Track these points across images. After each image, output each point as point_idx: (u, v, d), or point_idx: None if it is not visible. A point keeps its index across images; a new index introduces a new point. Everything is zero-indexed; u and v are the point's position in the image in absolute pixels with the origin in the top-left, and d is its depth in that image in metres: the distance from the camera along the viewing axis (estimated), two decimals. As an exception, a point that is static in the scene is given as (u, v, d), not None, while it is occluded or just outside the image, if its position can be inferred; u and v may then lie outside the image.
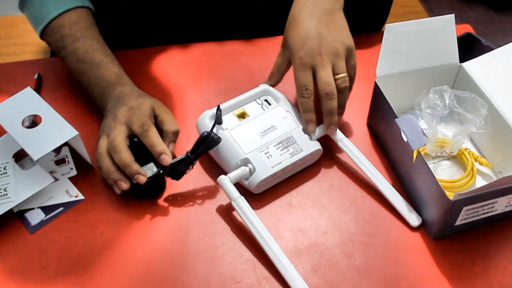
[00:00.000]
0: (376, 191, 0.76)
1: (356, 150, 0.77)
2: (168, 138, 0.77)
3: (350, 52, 0.78)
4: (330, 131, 0.78)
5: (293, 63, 0.77)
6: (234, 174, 0.73)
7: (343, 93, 0.77)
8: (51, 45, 0.85)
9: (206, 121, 0.77)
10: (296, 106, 0.80)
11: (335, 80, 0.76)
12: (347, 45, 0.77)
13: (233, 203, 0.71)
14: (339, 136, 0.79)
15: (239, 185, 0.74)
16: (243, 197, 0.71)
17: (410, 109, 0.83)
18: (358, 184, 0.78)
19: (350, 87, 0.79)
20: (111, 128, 0.74)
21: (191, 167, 0.74)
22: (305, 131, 0.78)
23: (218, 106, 0.76)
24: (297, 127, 0.78)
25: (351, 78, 0.79)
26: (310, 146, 0.76)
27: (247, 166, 0.74)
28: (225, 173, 0.73)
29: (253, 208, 0.71)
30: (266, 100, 0.81)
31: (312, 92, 0.76)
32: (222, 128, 0.76)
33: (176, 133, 0.77)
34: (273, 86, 0.82)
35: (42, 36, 0.84)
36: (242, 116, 0.79)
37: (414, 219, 0.73)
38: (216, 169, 0.77)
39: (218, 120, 0.75)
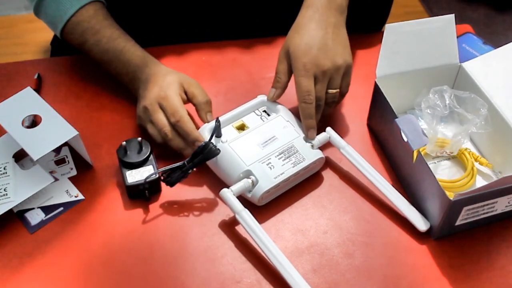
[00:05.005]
0: (378, 192, 0.76)
1: (359, 157, 0.76)
2: (202, 109, 0.79)
3: (348, 69, 0.79)
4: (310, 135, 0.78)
5: (295, 69, 0.77)
6: (237, 187, 0.71)
7: (329, 106, 0.80)
8: (73, 42, 0.86)
9: (205, 134, 0.76)
10: (295, 115, 0.80)
11: (327, 93, 0.78)
12: (347, 62, 0.78)
13: (237, 216, 0.69)
14: (341, 144, 0.78)
15: (241, 198, 0.73)
16: (247, 210, 0.70)
17: (410, 109, 0.83)
18: (358, 184, 0.78)
19: (338, 101, 0.82)
20: (154, 111, 0.77)
21: (186, 175, 0.73)
22: (305, 138, 0.77)
23: (217, 119, 0.75)
24: (298, 136, 0.77)
25: (342, 94, 0.81)
26: (312, 155, 0.75)
27: (250, 178, 0.72)
28: (227, 187, 0.72)
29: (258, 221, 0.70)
30: (264, 111, 0.80)
31: (314, 98, 0.76)
32: (221, 141, 0.75)
33: (208, 103, 0.79)
34: (278, 97, 0.80)
35: (63, 35, 0.86)
36: (242, 128, 0.78)
37: (422, 224, 0.72)
38: (217, 183, 0.76)
39: (217, 132, 0.75)
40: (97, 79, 0.89)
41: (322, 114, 0.80)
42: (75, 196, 0.76)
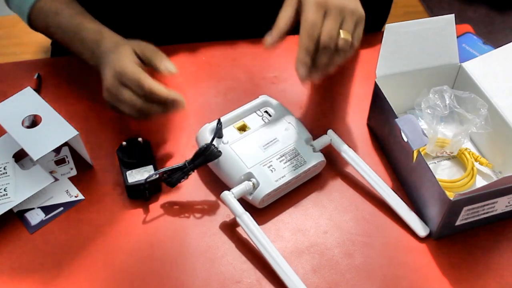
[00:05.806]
0: (378, 193, 0.76)
1: (360, 161, 0.76)
2: (159, 62, 0.75)
3: (360, 20, 0.73)
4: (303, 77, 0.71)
5: (304, 5, 0.70)
6: (238, 190, 0.71)
7: (339, 55, 0.72)
8: (40, 30, 0.85)
9: (206, 135, 0.76)
10: (297, 117, 0.80)
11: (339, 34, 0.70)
12: (359, 11, 0.72)
13: (238, 219, 0.69)
14: (343, 147, 0.77)
15: (241, 199, 0.72)
16: (248, 213, 0.70)
17: (410, 109, 0.83)
18: (358, 184, 0.78)
19: (348, 55, 0.73)
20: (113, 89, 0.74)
21: (186, 176, 0.73)
22: (307, 141, 0.76)
23: (219, 120, 0.75)
24: (300, 139, 0.77)
25: (353, 46, 0.73)
26: (313, 158, 0.75)
27: (251, 181, 0.72)
28: (228, 188, 0.72)
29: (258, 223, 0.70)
30: (266, 112, 0.80)
31: (317, 35, 0.69)
32: (223, 142, 0.75)
33: (163, 56, 0.76)
34: (276, 43, 0.73)
35: (31, 25, 0.85)
36: (243, 128, 0.78)
37: (421, 230, 0.72)
38: (217, 183, 0.76)
39: (218, 134, 0.75)
40: (97, 79, 0.89)
41: (332, 64, 0.72)
42: (75, 196, 0.76)
